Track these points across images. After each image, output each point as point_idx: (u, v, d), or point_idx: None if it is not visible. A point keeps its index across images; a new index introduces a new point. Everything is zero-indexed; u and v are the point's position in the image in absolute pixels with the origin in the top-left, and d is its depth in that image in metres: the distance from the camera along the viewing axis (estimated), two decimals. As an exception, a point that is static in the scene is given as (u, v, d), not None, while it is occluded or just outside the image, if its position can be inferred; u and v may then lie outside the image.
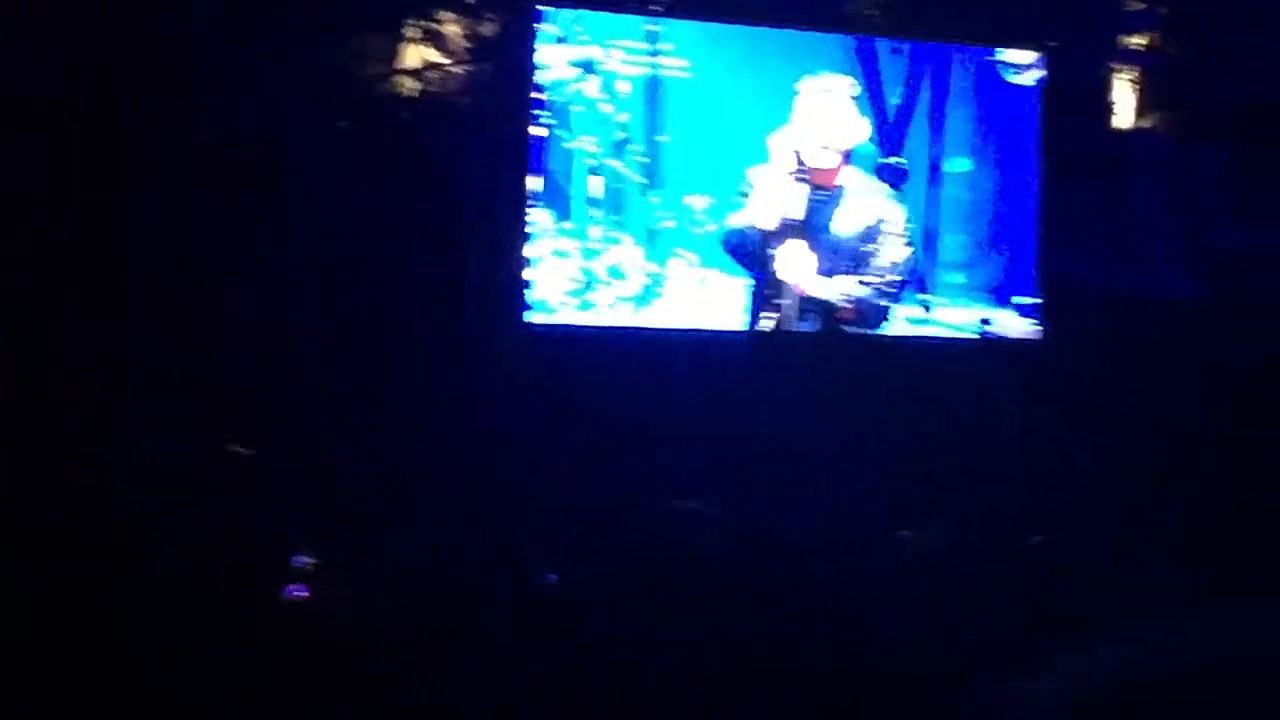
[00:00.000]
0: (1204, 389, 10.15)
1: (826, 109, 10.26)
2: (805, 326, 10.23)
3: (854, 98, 10.33)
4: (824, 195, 10.25)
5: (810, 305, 10.25)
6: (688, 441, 9.51)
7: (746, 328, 10.32)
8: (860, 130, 10.34)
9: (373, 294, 9.40)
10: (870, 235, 10.31)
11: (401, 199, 9.47)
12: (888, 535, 8.57)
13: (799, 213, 10.14)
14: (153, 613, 6.73)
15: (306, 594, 7.41)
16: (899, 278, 10.38)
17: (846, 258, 10.28)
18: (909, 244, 10.42)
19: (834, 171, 10.27)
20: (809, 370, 10.07)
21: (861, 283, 10.28)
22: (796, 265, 10.21)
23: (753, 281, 10.33)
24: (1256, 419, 10.08)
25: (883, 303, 10.38)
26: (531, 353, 9.91)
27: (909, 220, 10.44)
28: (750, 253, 10.21)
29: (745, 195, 10.21)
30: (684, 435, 9.57)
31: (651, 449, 9.44)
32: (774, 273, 10.21)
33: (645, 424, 9.59)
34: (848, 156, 10.33)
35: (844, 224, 10.27)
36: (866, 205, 10.33)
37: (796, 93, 10.28)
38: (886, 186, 10.46)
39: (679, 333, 10.30)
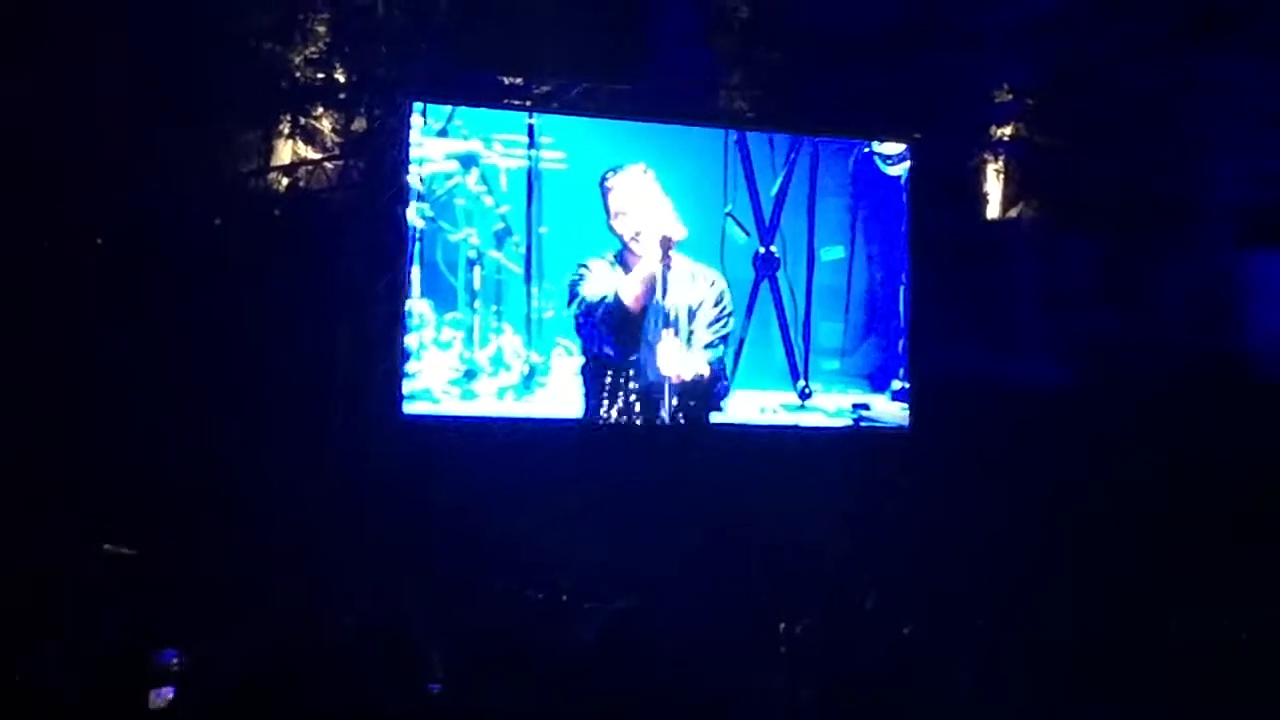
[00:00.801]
0: (1071, 475, 10.16)
1: (638, 195, 10.35)
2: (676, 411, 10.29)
3: (654, 179, 10.39)
4: (652, 280, 10.28)
5: (674, 391, 10.31)
6: (553, 531, 9.43)
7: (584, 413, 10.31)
8: (666, 208, 10.34)
9: (243, 389, 9.28)
10: (699, 310, 10.42)
11: (273, 294, 9.36)
12: (763, 626, 8.47)
13: (659, 294, 10.17)
14: None
15: (173, 695, 7.20)
16: (720, 359, 10.49)
17: (680, 336, 10.38)
18: (730, 313, 10.53)
19: (657, 253, 10.29)
20: (679, 460, 10.05)
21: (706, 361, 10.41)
22: (672, 356, 10.25)
23: (596, 360, 10.35)
24: (1124, 503, 10.09)
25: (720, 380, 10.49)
26: (409, 443, 9.84)
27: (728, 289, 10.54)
28: (613, 325, 10.27)
29: (582, 277, 10.28)
30: (547, 526, 9.49)
31: (520, 538, 9.34)
32: (645, 362, 10.26)
33: (514, 513, 9.53)
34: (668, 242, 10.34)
35: (674, 304, 10.32)
36: (690, 282, 10.44)
37: (609, 188, 10.37)
38: (701, 263, 10.51)
39: (547, 422, 10.26)
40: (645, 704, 6.71)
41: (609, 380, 10.27)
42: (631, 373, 10.25)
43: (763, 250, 10.62)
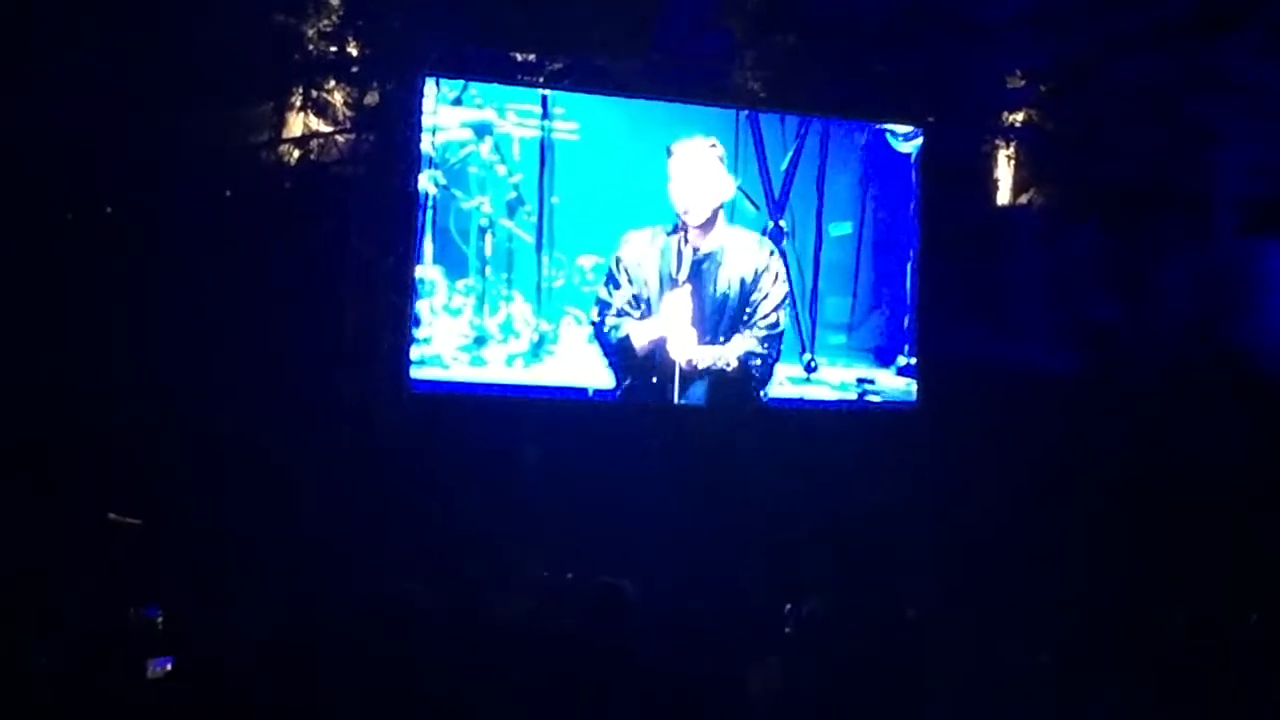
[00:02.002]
0: (1075, 458, 10.06)
1: (697, 168, 10.23)
2: (693, 396, 10.20)
3: (720, 158, 10.29)
4: (703, 256, 10.19)
5: (693, 374, 10.19)
6: (566, 508, 9.33)
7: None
8: (727, 187, 10.30)
9: (252, 359, 9.17)
10: (752, 288, 10.30)
11: (284, 265, 9.24)
12: (769, 605, 8.34)
13: (683, 274, 10.03)
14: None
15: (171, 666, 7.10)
16: (780, 329, 10.36)
17: (729, 318, 10.22)
18: (787, 286, 10.41)
19: (711, 227, 10.23)
20: (692, 438, 9.95)
21: (746, 340, 10.26)
22: (684, 343, 10.14)
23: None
24: (1125, 487, 10.00)
25: (762, 362, 10.35)
26: (417, 409, 9.75)
27: (787, 267, 10.44)
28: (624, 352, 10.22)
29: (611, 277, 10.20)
30: (559, 501, 9.39)
31: (528, 516, 9.25)
32: (655, 354, 10.20)
33: (522, 487, 9.44)
34: (718, 213, 10.29)
35: (727, 281, 10.22)
36: (745, 258, 10.31)
37: (671, 153, 10.22)
38: (759, 235, 10.42)
39: (559, 394, 10.18)
40: (630, 687, 6.59)
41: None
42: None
43: (771, 225, 10.48)
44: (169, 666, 6.74)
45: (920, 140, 10.87)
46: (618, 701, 6.23)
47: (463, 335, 10.05)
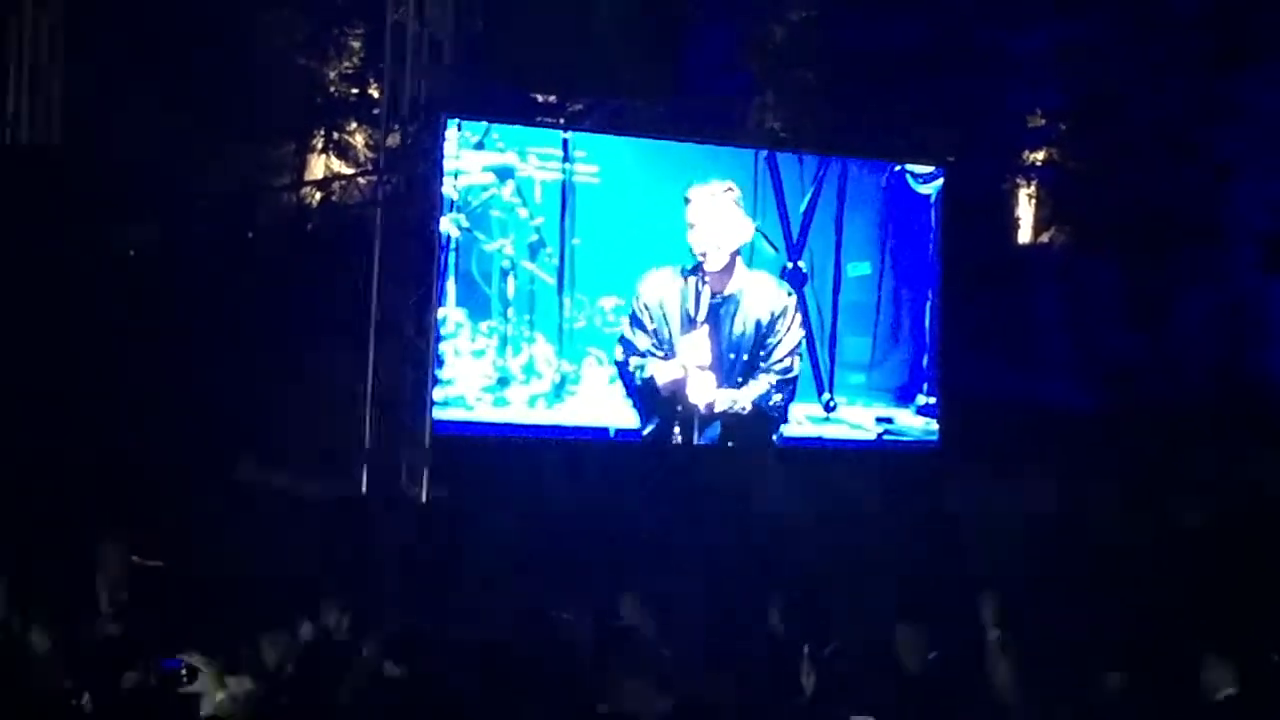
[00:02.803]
0: (1096, 494, 9.91)
1: (714, 212, 10.10)
2: (708, 436, 10.09)
3: (736, 200, 10.15)
4: (722, 299, 10.09)
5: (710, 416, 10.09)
6: (582, 546, 9.22)
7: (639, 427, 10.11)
8: (745, 229, 10.18)
9: (274, 399, 9.08)
10: (768, 331, 10.18)
11: (305, 306, 9.16)
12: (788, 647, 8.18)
13: (701, 315, 9.94)
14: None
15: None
16: (794, 374, 10.23)
17: (745, 360, 10.13)
18: (803, 327, 10.29)
19: (729, 271, 10.11)
20: (712, 478, 9.83)
21: (761, 384, 10.16)
22: (703, 386, 10.03)
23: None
24: (1149, 523, 9.85)
25: (777, 405, 10.24)
26: (439, 449, 9.61)
27: (797, 309, 10.31)
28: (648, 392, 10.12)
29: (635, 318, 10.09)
30: (579, 540, 9.28)
31: (548, 552, 9.13)
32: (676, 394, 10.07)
33: (543, 527, 9.32)
34: (735, 256, 10.17)
35: (743, 324, 10.11)
36: (762, 301, 10.20)
37: (688, 200, 10.10)
38: (777, 279, 10.30)
39: (582, 435, 10.06)
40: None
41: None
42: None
43: (790, 266, 10.37)
44: (180, 667, 6.69)
45: (940, 182, 10.73)
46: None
47: (485, 376, 9.92)
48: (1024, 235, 10.94)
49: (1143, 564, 9.60)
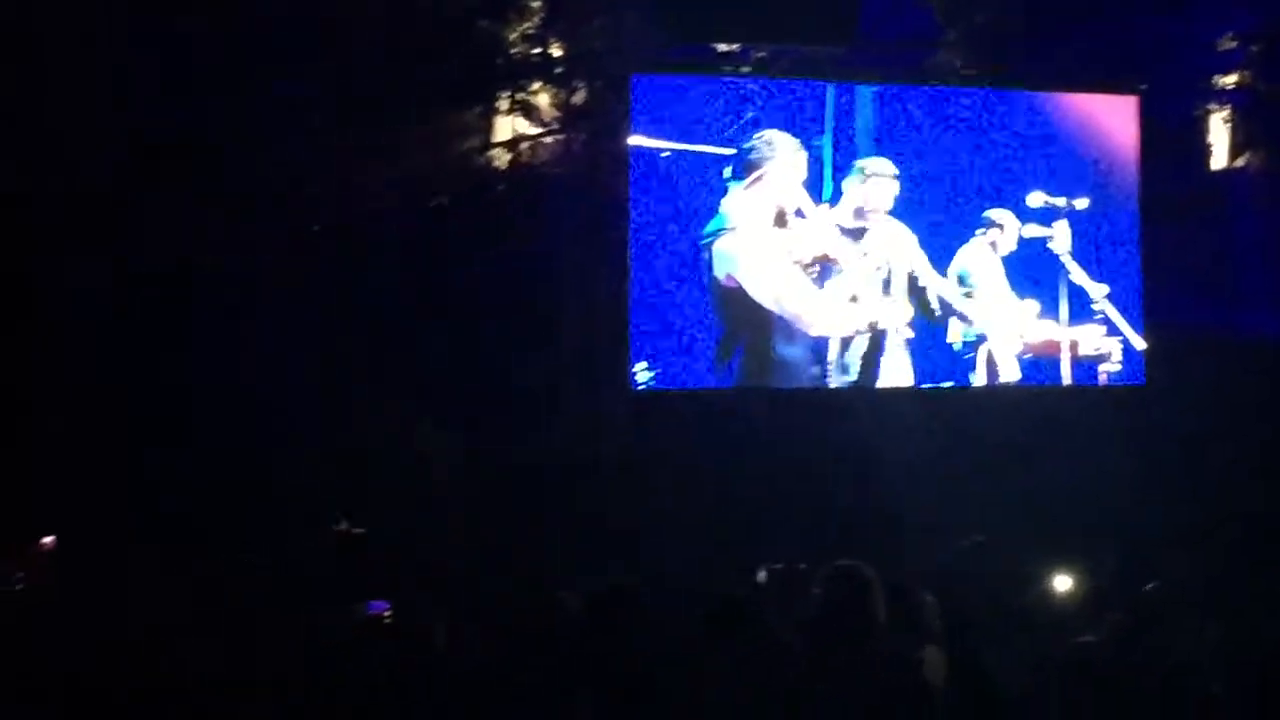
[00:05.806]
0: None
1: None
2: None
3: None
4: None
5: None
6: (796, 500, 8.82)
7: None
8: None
9: (474, 362, 8.78)
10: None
11: (499, 268, 8.82)
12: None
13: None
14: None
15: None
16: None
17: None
18: None
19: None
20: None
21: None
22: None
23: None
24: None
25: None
26: (640, 410, 9.31)
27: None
28: None
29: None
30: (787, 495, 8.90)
31: (757, 507, 8.75)
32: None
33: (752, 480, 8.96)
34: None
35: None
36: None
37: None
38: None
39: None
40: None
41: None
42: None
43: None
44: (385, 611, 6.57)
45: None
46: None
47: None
48: (1219, 162, 10.29)
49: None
